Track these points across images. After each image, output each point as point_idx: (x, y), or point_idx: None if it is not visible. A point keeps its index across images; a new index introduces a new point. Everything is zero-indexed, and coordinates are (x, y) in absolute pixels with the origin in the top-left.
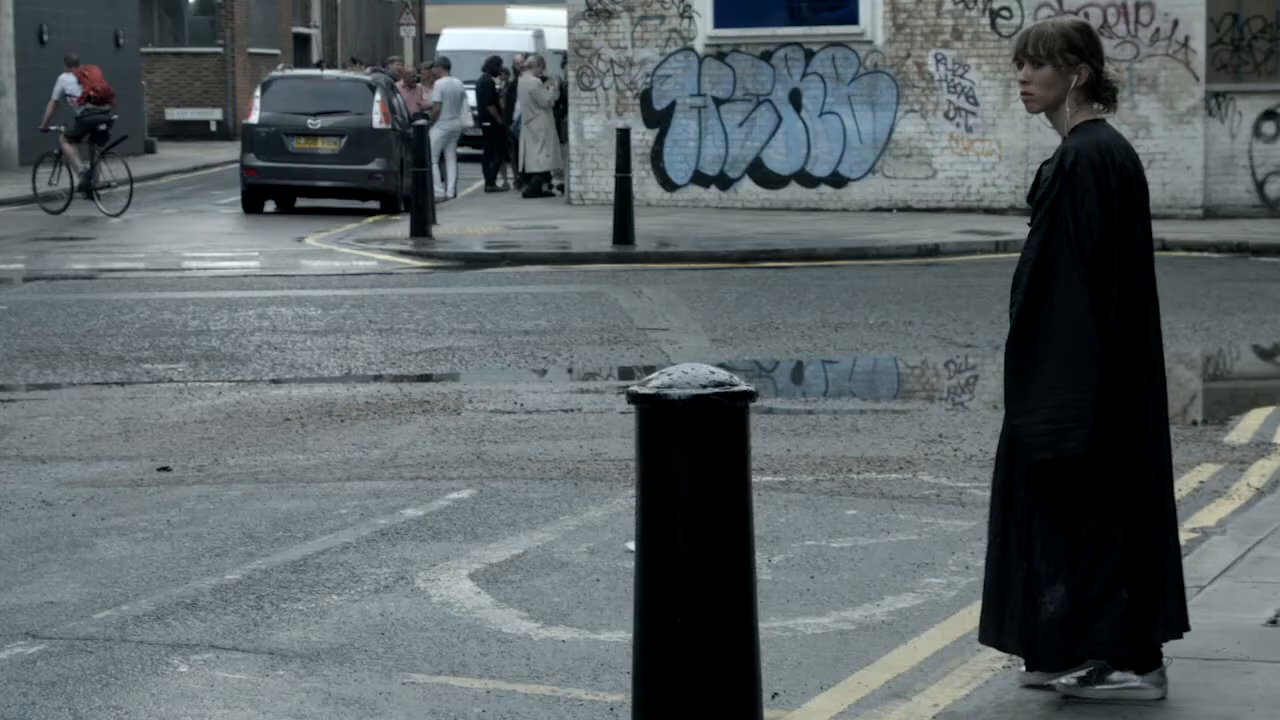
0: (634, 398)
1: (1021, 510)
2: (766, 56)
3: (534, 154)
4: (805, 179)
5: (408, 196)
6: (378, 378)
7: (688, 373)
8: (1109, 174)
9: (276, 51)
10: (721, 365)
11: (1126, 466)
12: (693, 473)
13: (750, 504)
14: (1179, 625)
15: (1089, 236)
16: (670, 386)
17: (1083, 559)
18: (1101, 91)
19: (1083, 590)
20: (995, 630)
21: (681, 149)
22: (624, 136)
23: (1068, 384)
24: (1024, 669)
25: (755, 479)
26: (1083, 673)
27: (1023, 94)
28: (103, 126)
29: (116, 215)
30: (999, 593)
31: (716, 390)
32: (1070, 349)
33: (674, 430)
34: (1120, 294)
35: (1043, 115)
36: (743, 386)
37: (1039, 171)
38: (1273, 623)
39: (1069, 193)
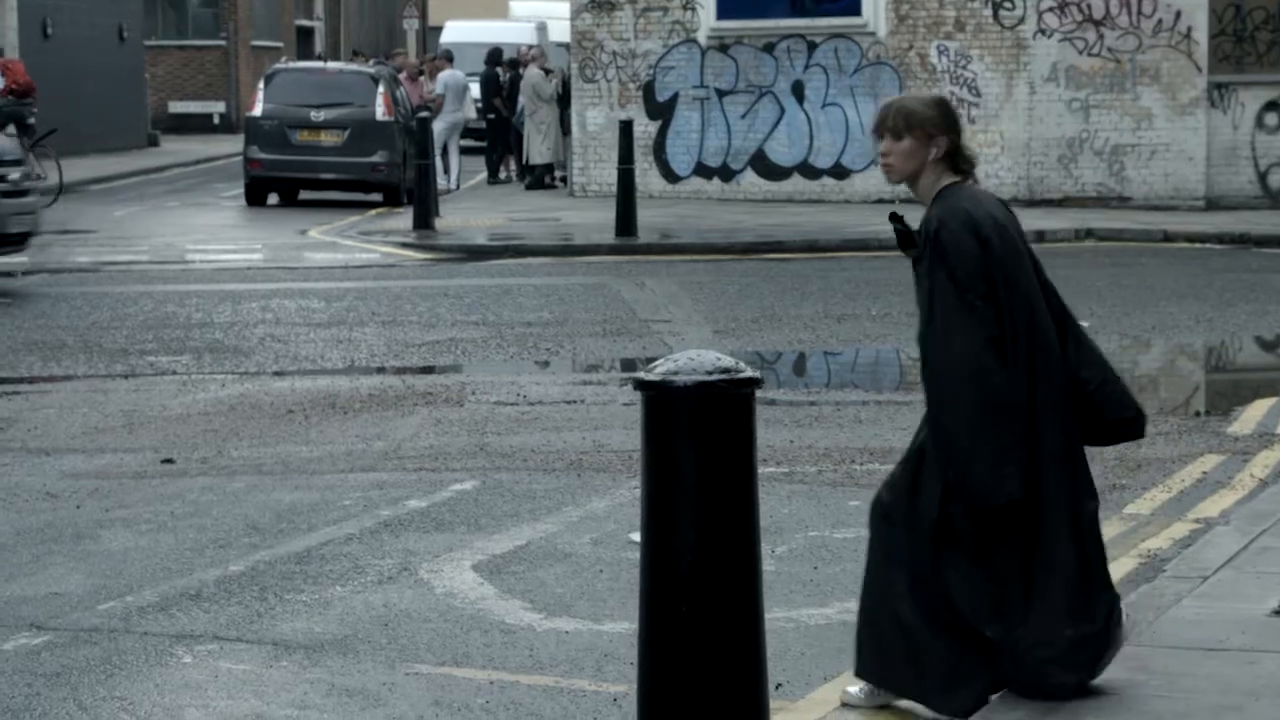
0: (639, 384)
1: (916, 548)
2: (769, 48)
3: (536, 146)
4: (808, 171)
5: (410, 189)
6: (381, 370)
7: (693, 359)
8: (980, 226)
9: (279, 44)
10: None
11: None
12: (698, 459)
13: (756, 490)
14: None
15: (975, 290)
16: (676, 373)
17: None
18: (960, 162)
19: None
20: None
21: (684, 141)
22: (626, 128)
23: (989, 435)
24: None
25: (758, 469)
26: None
27: (882, 165)
28: (29, 120)
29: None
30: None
31: (722, 377)
32: (981, 402)
33: (680, 417)
34: (1018, 339)
35: (1042, 107)
36: (748, 373)
37: (917, 231)
38: (1276, 613)
39: (941, 260)
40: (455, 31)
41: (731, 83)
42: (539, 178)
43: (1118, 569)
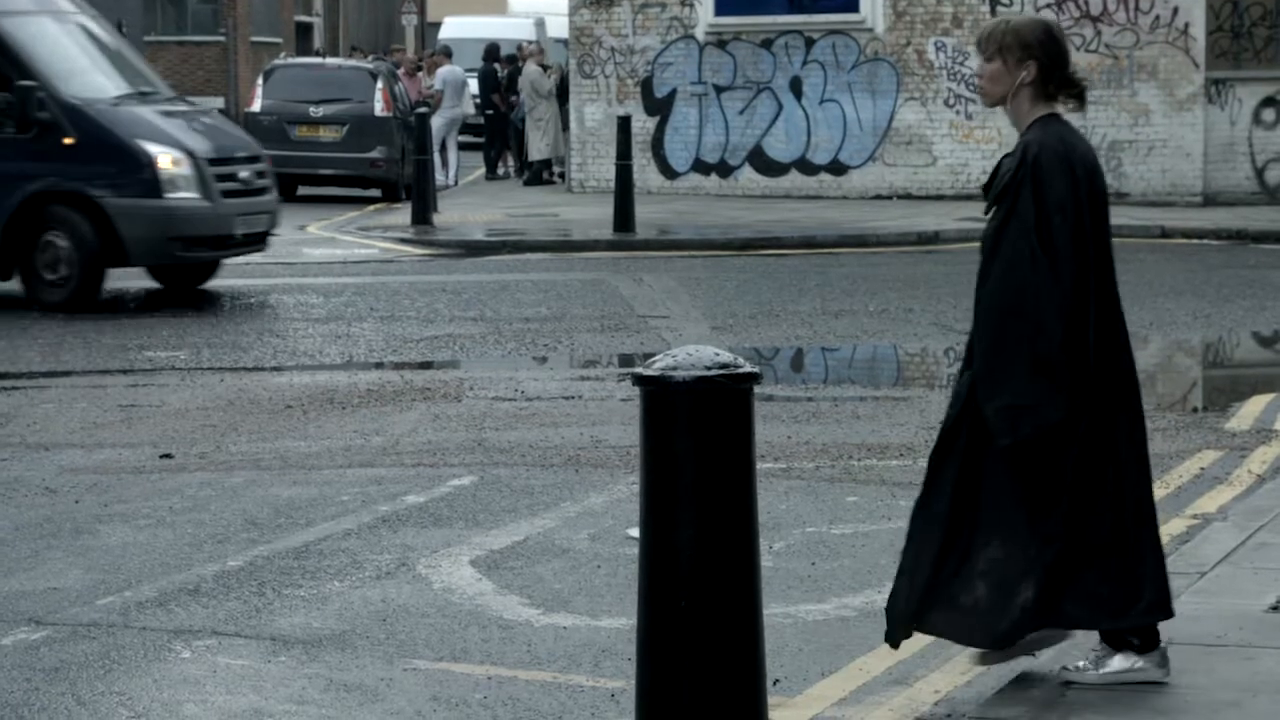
0: (638, 379)
1: (951, 493)
2: (767, 44)
3: (535, 142)
4: (805, 167)
5: (409, 184)
6: (379, 365)
7: (692, 354)
8: (1074, 163)
9: (279, 40)
10: None
11: (1080, 457)
12: (697, 455)
13: (754, 485)
14: (1160, 607)
15: (1063, 222)
16: (675, 368)
17: (1034, 541)
18: (1056, 90)
19: (994, 578)
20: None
21: (682, 137)
22: (625, 124)
23: (1034, 373)
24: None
25: (756, 465)
26: (1086, 659)
27: (977, 86)
28: None
29: None
30: (929, 575)
31: (721, 372)
32: (1035, 339)
33: (678, 412)
34: (1096, 280)
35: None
36: (747, 368)
37: (999, 164)
38: (1274, 609)
39: (1030, 183)
40: (454, 27)
41: (729, 79)
42: (537, 173)
43: None
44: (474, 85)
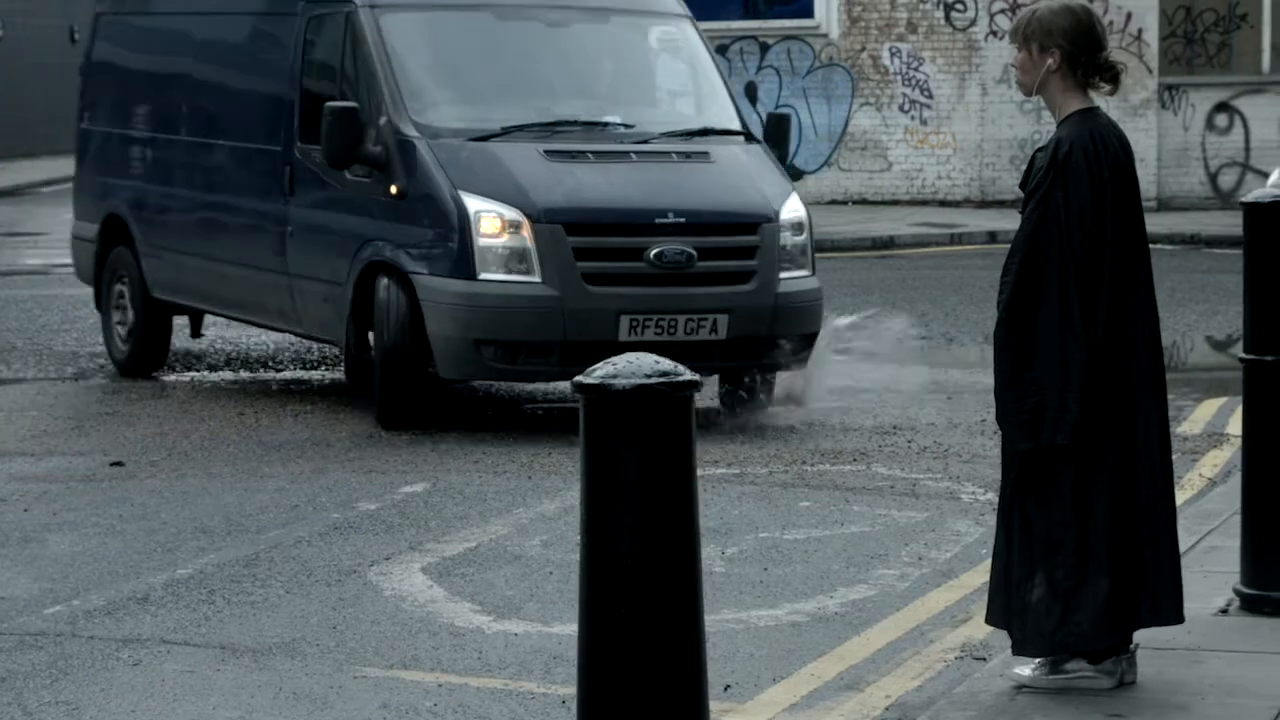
0: (579, 387)
1: (1004, 499)
2: (722, 50)
3: None
4: None
5: None
6: (332, 370)
7: (632, 362)
8: (1103, 164)
9: None
10: None
11: (1112, 457)
12: (638, 462)
13: (696, 493)
14: (1173, 614)
15: (1080, 227)
16: (615, 376)
17: (1061, 549)
18: (1085, 76)
19: (1060, 580)
20: (1001, 614)
21: None
22: None
23: (1053, 375)
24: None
25: (709, 471)
26: (1035, 663)
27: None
28: None
29: None
30: (996, 577)
31: (661, 380)
32: (1056, 340)
33: (619, 420)
34: (1111, 287)
35: (994, 109)
36: (687, 376)
37: (1032, 159)
38: (1223, 612)
39: (1062, 183)
40: None
41: None
42: None
43: None
44: None
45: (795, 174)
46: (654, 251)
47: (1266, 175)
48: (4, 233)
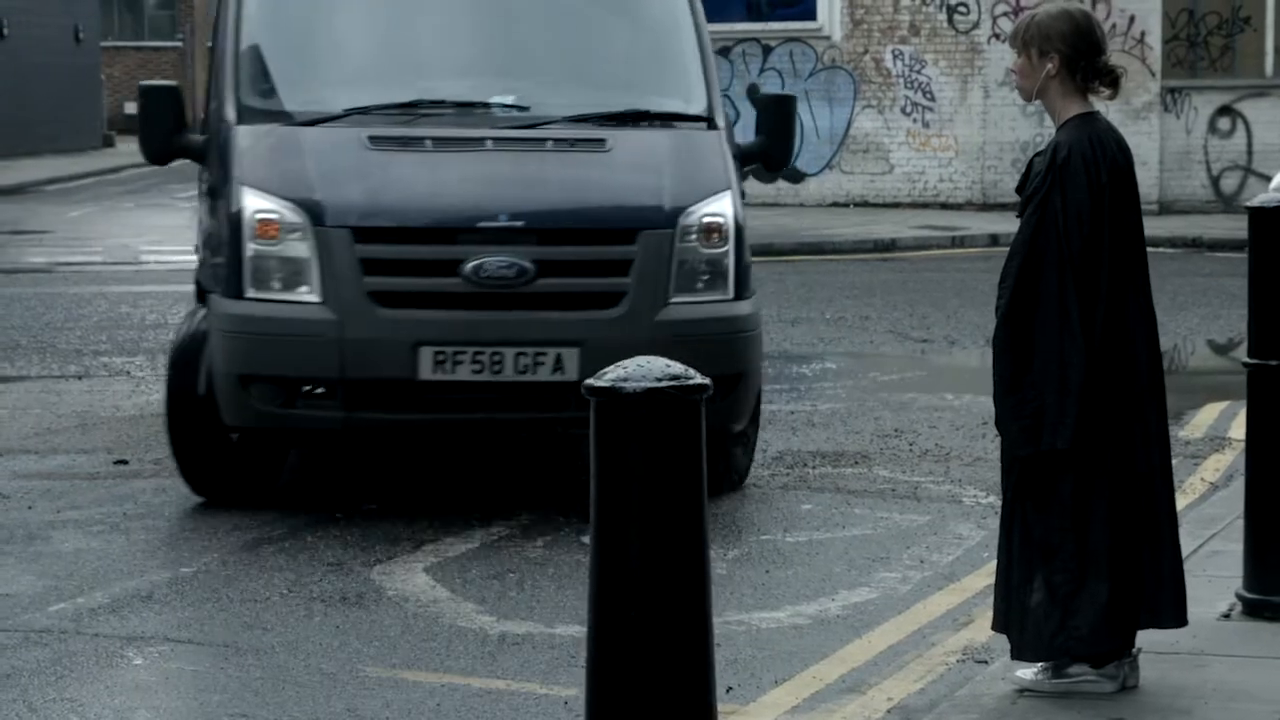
0: (589, 390)
1: (1005, 504)
2: (724, 52)
3: None
4: (762, 174)
5: None
6: None
7: (643, 366)
8: (1101, 169)
9: None
10: None
11: (1111, 462)
12: (647, 466)
13: (705, 496)
14: (1174, 618)
15: (1079, 232)
16: (626, 380)
17: (1060, 554)
18: (1085, 81)
19: (1059, 585)
20: (1002, 618)
21: None
22: None
23: (1052, 380)
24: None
25: (707, 474)
26: (1037, 667)
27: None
28: None
29: None
30: (998, 581)
31: (672, 383)
32: (1055, 345)
33: (629, 423)
34: (1110, 291)
35: (996, 111)
36: (698, 380)
37: (1030, 163)
38: (1226, 616)
39: (1060, 188)
40: None
41: None
42: None
43: None
44: None
45: (797, 176)
46: (471, 265)
47: (1269, 179)
48: (8, 231)
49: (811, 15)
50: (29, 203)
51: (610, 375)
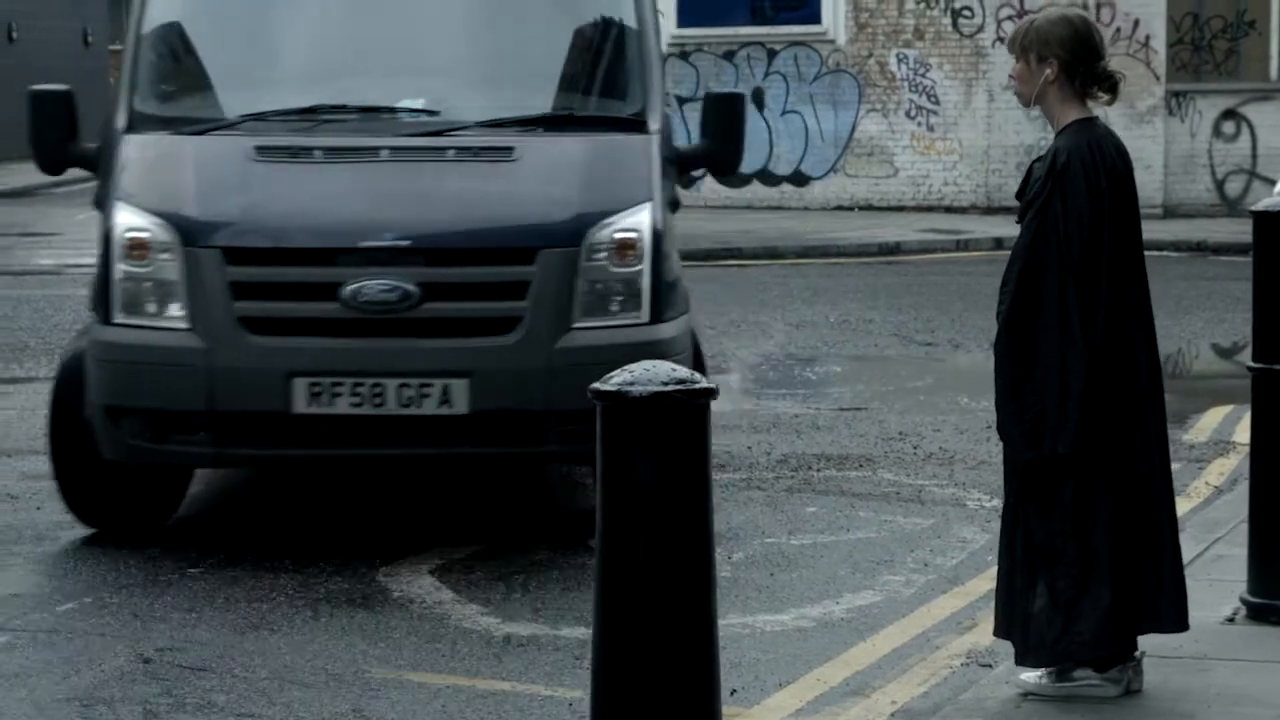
0: (596, 394)
1: (1008, 508)
2: (729, 56)
3: None
4: (767, 178)
5: None
6: None
7: (649, 370)
8: (1100, 174)
9: None
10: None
11: (1111, 466)
12: (653, 469)
13: (710, 500)
14: (1175, 622)
15: (1079, 237)
16: (632, 384)
17: (1062, 559)
18: (1084, 86)
19: (1062, 590)
20: (1004, 625)
21: None
22: None
23: (1053, 384)
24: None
25: (715, 476)
26: (1041, 670)
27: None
28: None
29: None
30: (1000, 587)
31: (678, 387)
32: (1056, 349)
33: (635, 427)
34: (1109, 296)
35: (1000, 115)
36: (704, 384)
37: (1030, 169)
38: (1230, 620)
39: (1060, 193)
40: None
41: (692, 90)
42: None
43: None
44: None
45: (802, 180)
46: (350, 289)
47: (1273, 182)
48: (17, 233)
49: (816, 19)
50: (37, 205)
51: (616, 379)
